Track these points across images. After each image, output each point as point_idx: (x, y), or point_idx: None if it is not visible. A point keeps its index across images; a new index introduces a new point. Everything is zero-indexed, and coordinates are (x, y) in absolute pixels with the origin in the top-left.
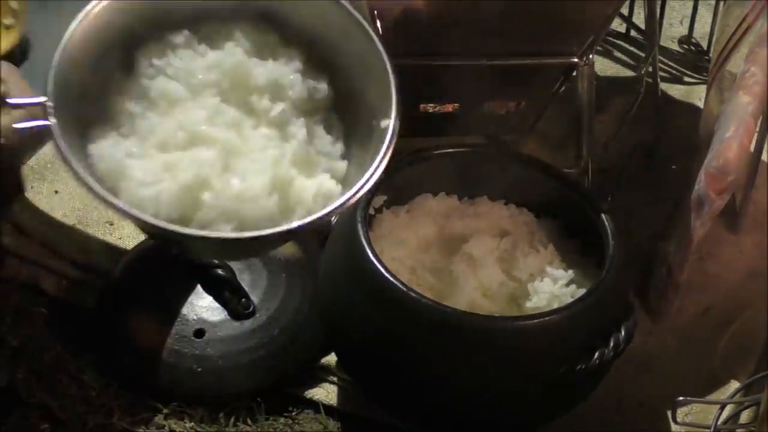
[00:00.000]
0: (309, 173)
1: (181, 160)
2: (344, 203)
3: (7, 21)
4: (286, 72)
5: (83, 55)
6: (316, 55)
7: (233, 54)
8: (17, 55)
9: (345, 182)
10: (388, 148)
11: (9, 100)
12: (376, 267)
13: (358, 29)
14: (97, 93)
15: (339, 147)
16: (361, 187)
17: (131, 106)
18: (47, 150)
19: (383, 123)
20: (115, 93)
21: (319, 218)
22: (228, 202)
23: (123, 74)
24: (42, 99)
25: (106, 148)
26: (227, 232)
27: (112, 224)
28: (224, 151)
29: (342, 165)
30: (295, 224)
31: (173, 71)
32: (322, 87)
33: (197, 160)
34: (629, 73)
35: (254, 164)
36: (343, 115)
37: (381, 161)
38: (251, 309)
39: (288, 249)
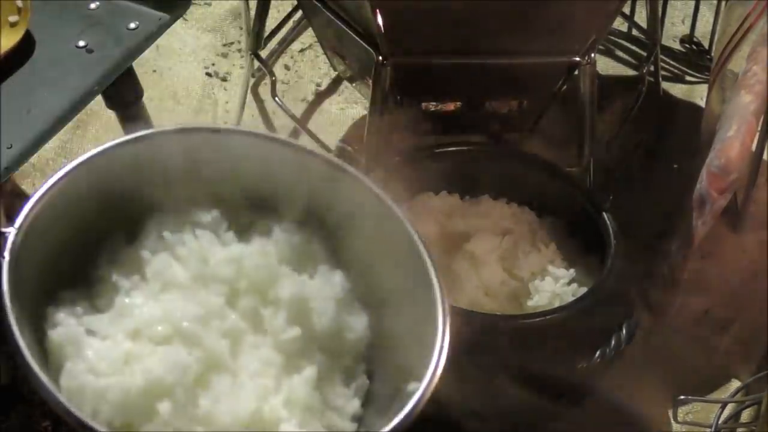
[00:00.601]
0: (304, 421)
1: (148, 355)
2: None
3: (12, 18)
4: (320, 294)
5: (79, 204)
6: (366, 285)
7: (263, 253)
8: (21, 53)
9: None
10: (405, 417)
11: None
12: None
13: (419, 263)
14: (85, 253)
15: (354, 405)
16: None
17: (118, 278)
18: (48, 147)
19: (411, 386)
20: (107, 260)
21: None
22: (188, 423)
23: (126, 241)
24: (8, 230)
25: (67, 315)
26: None
27: None
28: (207, 361)
29: (350, 428)
30: None
31: (184, 252)
32: (359, 326)
33: (168, 360)
34: (631, 72)
35: (238, 389)
36: (373, 366)
37: None
38: None
39: None
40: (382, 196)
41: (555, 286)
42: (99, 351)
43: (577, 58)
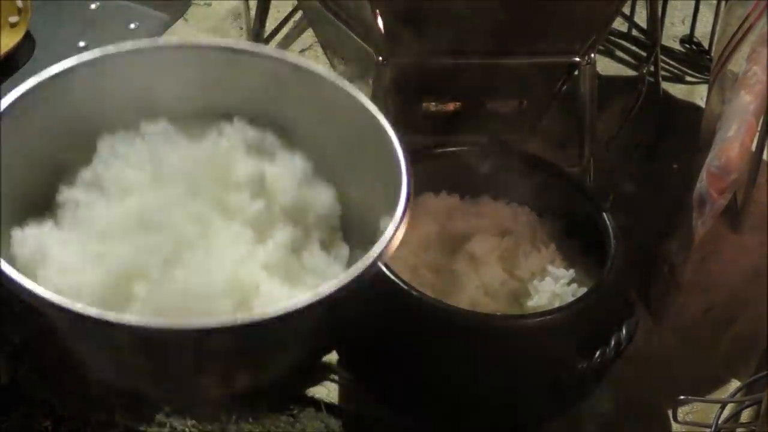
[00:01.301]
0: (285, 281)
1: (117, 245)
2: (316, 301)
3: (12, 19)
4: (281, 174)
5: (24, 130)
6: (328, 165)
7: (217, 145)
8: (21, 53)
9: None
10: (382, 250)
11: None
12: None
13: (379, 134)
14: (39, 179)
15: (336, 269)
16: (335, 290)
17: (78, 195)
18: None
19: (382, 224)
20: (67, 184)
21: (288, 314)
22: (167, 299)
23: (81, 164)
24: None
25: (32, 233)
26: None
27: None
28: (177, 240)
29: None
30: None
31: (137, 159)
32: (326, 200)
33: (138, 245)
34: (631, 72)
35: (211, 259)
36: (352, 240)
37: (366, 264)
38: None
39: None
40: (337, 82)
41: (555, 286)
42: (69, 253)
43: (577, 59)
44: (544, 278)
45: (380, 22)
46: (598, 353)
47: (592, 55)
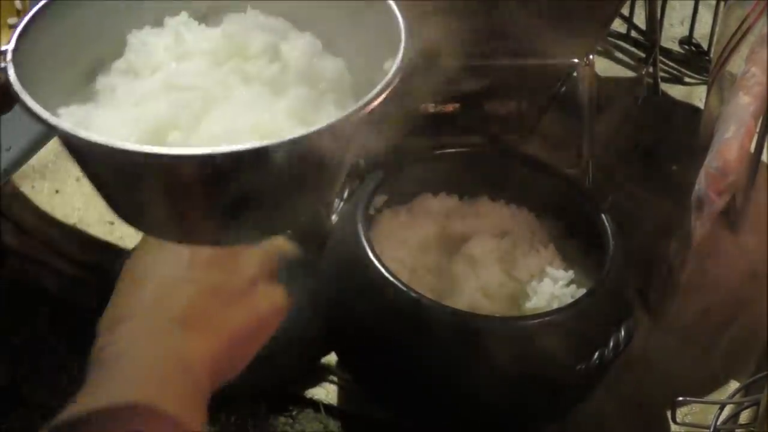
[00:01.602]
0: (305, 126)
1: (152, 104)
2: (359, 110)
3: (11, 20)
4: (291, 46)
5: (76, 21)
6: (334, 49)
7: (230, 23)
8: None
9: None
10: (389, 82)
11: None
12: (377, 267)
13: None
14: (84, 67)
15: None
16: (365, 104)
17: (113, 80)
18: (47, 149)
19: (386, 65)
20: (102, 74)
21: (330, 126)
22: (197, 143)
23: (114, 58)
24: (5, 47)
25: (75, 109)
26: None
27: (112, 224)
28: (204, 98)
29: None
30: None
31: (164, 44)
32: (336, 68)
33: (168, 102)
34: (630, 73)
35: (236, 109)
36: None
37: (383, 90)
38: None
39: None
40: None
41: (554, 287)
42: (109, 118)
43: (576, 60)
44: (543, 279)
45: None
46: (597, 354)
47: (591, 56)
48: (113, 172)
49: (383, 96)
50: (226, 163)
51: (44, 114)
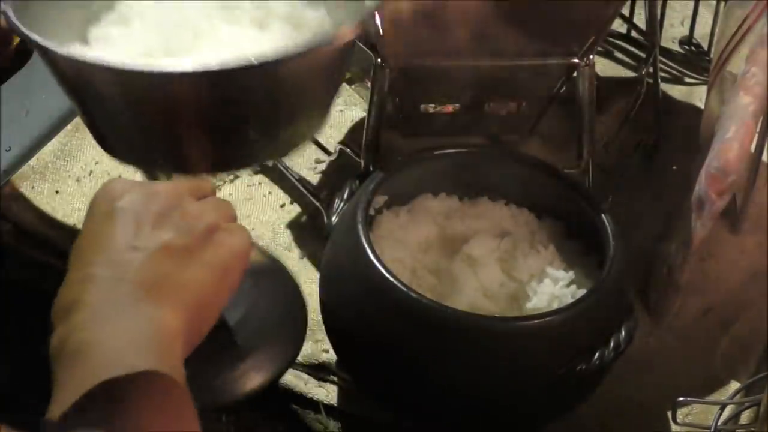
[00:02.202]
0: None
1: (143, 40)
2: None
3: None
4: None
5: None
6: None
7: None
8: (20, 55)
9: None
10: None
11: None
12: (377, 268)
13: None
14: (80, 23)
15: None
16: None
17: (106, 30)
18: (47, 150)
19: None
20: (93, 25)
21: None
22: None
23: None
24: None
25: (74, 49)
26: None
27: None
28: (194, 32)
29: None
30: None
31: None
32: (318, 13)
33: (160, 35)
34: (630, 73)
35: (225, 41)
36: None
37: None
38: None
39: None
40: None
41: (554, 288)
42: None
43: (576, 60)
44: (543, 280)
45: (379, 24)
46: (597, 354)
47: (591, 56)
48: (113, 95)
49: (361, 22)
50: (227, 76)
51: (46, 42)
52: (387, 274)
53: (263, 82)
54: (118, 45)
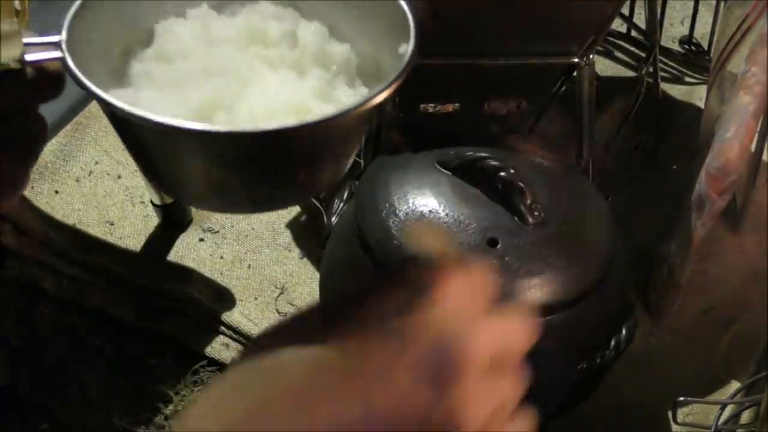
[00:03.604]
0: (331, 105)
1: (193, 87)
2: (382, 89)
3: (6, 25)
4: (303, 33)
5: (109, 14)
6: (340, 34)
7: (249, 17)
8: None
9: None
10: (407, 65)
11: (24, 39)
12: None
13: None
14: (116, 57)
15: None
16: (387, 85)
17: (147, 66)
18: (47, 150)
19: (401, 49)
20: (134, 59)
21: (353, 108)
22: (243, 121)
23: (143, 46)
24: (58, 38)
25: (118, 92)
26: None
27: (112, 224)
28: (239, 80)
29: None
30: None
31: (191, 32)
32: (344, 49)
33: (210, 84)
34: (630, 73)
35: (269, 91)
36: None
37: (403, 70)
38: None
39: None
40: None
41: None
42: (150, 99)
43: (576, 59)
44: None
45: None
46: (598, 354)
47: (591, 55)
48: (173, 151)
49: (403, 77)
50: (287, 134)
51: (109, 98)
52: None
53: (315, 136)
54: (162, 85)
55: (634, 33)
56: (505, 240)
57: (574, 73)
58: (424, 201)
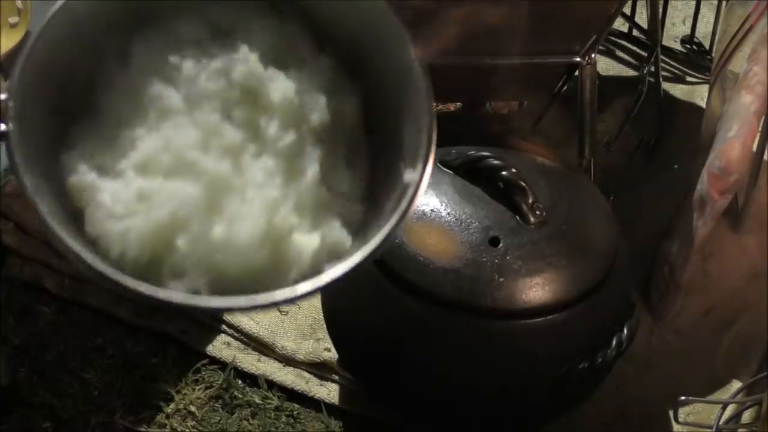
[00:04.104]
0: (315, 220)
1: (158, 192)
2: (341, 277)
3: (12, 19)
4: (308, 89)
5: (70, 38)
6: (350, 60)
7: (246, 60)
8: None
9: (361, 228)
10: (408, 206)
11: None
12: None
13: (400, 43)
14: (83, 84)
15: (359, 185)
16: (368, 254)
17: (118, 106)
18: None
19: (407, 176)
20: (104, 85)
21: (309, 293)
22: (206, 251)
23: (118, 63)
24: (2, 96)
25: (78, 158)
26: (194, 297)
27: None
28: (213, 186)
29: (359, 210)
30: (279, 297)
31: (171, 72)
32: (351, 107)
33: (178, 196)
34: (631, 72)
35: (246, 206)
36: (372, 136)
37: (397, 221)
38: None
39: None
40: None
41: None
42: (114, 192)
43: (578, 59)
44: None
45: None
46: (599, 353)
47: (593, 55)
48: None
49: (397, 225)
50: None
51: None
52: (388, 275)
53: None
54: (130, 173)
55: (635, 32)
56: (506, 239)
57: (576, 73)
58: (426, 200)
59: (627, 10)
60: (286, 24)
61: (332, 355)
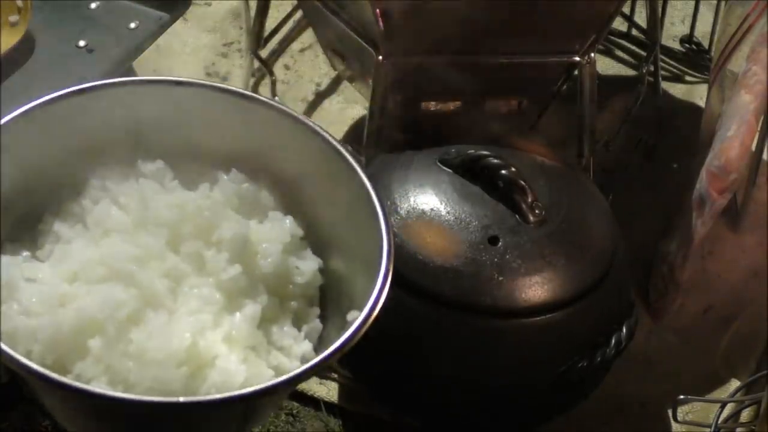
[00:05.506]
0: (244, 357)
1: (83, 295)
2: (255, 394)
3: (12, 18)
4: (267, 236)
5: (21, 160)
6: (317, 232)
7: (207, 197)
8: (21, 53)
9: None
10: (344, 343)
11: None
12: None
13: (367, 207)
14: (31, 210)
15: (304, 346)
16: (280, 383)
17: (60, 227)
18: None
19: (350, 315)
20: (51, 213)
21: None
22: (118, 359)
23: (71, 195)
24: None
25: (7, 261)
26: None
27: None
28: (143, 298)
29: (295, 366)
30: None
31: (126, 200)
32: (309, 270)
33: (102, 298)
34: (631, 72)
35: (173, 324)
36: (327, 311)
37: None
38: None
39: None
40: (337, 147)
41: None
42: (33, 293)
43: (577, 58)
44: None
45: (380, 21)
46: (598, 352)
47: (592, 54)
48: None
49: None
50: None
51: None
52: None
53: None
54: (57, 263)
55: (634, 32)
56: (506, 238)
57: (575, 72)
58: (426, 199)
59: (626, 9)
60: (255, 181)
61: None
